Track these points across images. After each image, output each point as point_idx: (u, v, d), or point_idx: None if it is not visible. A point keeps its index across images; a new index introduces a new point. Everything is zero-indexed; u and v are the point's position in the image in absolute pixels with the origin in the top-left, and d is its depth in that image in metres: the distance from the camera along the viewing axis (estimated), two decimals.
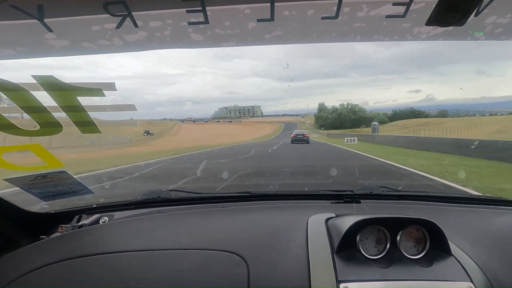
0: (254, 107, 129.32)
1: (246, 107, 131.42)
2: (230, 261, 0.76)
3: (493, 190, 4.23)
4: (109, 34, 0.73)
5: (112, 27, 0.71)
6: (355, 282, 0.68)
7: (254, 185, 4.63)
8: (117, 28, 0.71)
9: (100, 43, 0.76)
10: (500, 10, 0.78)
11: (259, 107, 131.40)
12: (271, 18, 0.69)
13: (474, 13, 0.78)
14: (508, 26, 0.87)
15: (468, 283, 0.68)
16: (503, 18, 0.82)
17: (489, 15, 0.80)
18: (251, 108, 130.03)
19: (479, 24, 0.85)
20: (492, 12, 0.79)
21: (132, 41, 0.74)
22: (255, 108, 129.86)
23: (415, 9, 0.74)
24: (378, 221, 0.78)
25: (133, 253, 0.81)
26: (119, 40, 0.74)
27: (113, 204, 1.22)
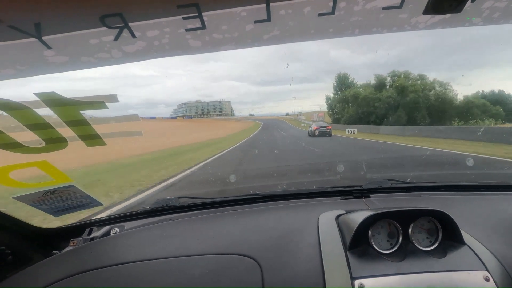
0: (222, 102, 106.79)
1: (211, 102, 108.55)
2: (243, 265, 0.76)
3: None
4: (107, 46, 0.74)
5: (110, 39, 0.71)
6: (370, 278, 0.67)
7: (262, 186, 4.61)
8: (115, 40, 0.71)
9: (99, 56, 0.76)
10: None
11: (228, 103, 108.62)
12: (268, 18, 0.69)
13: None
14: (505, 10, 0.86)
15: (483, 272, 0.67)
16: (500, 2, 0.81)
17: (485, 0, 0.79)
18: (218, 103, 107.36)
19: (477, 10, 0.84)
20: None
21: (131, 52, 0.75)
22: (223, 104, 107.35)
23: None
24: (389, 214, 0.77)
25: (146, 262, 0.81)
26: (118, 51, 0.75)
27: (123, 215, 1.22)
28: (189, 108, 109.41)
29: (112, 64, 0.77)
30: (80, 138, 0.86)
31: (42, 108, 0.80)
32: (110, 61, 0.77)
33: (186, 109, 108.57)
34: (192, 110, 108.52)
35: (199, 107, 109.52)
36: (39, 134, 0.85)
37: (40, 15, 0.64)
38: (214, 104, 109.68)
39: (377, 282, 0.67)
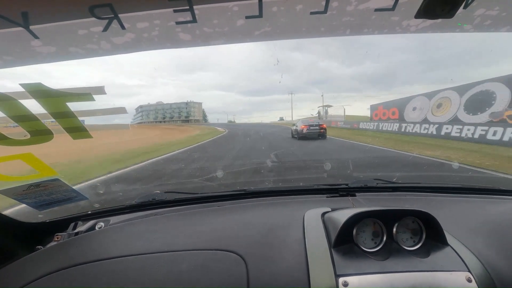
0: (190, 104, 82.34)
1: (175, 104, 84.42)
2: (229, 260, 0.76)
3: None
4: (96, 37, 0.72)
5: (99, 30, 0.70)
6: (353, 276, 0.68)
7: (249, 182, 4.58)
8: (104, 31, 0.70)
9: (87, 47, 0.75)
10: (488, 2, 0.79)
11: (199, 105, 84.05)
12: (260, 14, 0.69)
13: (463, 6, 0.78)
14: (496, 18, 0.87)
15: (465, 273, 0.68)
16: (491, 10, 0.82)
17: (477, 7, 0.80)
18: (185, 106, 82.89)
19: (468, 17, 0.85)
20: (480, 5, 0.79)
21: (120, 43, 0.74)
22: (191, 106, 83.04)
23: (404, 2, 0.74)
24: (374, 213, 0.78)
25: (132, 258, 0.80)
26: (106, 43, 0.73)
27: (108, 209, 1.21)
28: (147, 112, 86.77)
29: (101, 55, 0.76)
30: (66, 131, 0.85)
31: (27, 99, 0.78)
32: (99, 52, 0.76)
33: (143, 113, 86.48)
34: (151, 115, 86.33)
35: (160, 111, 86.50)
36: (24, 126, 0.83)
37: (27, 4, 0.62)
38: (179, 106, 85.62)
39: (361, 280, 0.67)
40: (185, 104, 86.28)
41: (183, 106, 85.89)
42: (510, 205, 1.05)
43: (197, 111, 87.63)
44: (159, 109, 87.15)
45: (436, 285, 0.66)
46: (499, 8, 0.82)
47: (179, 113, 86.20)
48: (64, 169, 6.53)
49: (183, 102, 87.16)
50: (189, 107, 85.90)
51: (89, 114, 0.81)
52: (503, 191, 1.29)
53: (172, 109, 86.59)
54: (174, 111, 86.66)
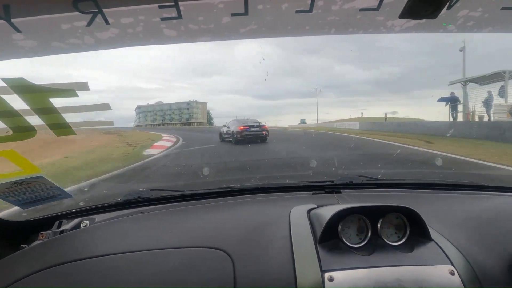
0: (191, 104, 68.96)
1: (175, 104, 71.08)
2: (215, 258, 0.76)
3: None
4: (79, 32, 0.71)
5: (83, 25, 0.69)
6: (339, 271, 0.69)
7: (235, 179, 4.56)
8: (87, 26, 0.69)
9: (70, 42, 0.74)
10: (472, 3, 0.80)
11: (203, 106, 70.52)
12: (245, 12, 0.69)
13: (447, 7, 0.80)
14: (479, 19, 0.89)
15: (449, 266, 0.70)
16: (474, 11, 0.84)
17: (461, 8, 0.82)
18: (186, 105, 69.49)
19: (452, 17, 0.87)
20: (464, 6, 0.81)
21: (104, 38, 0.73)
22: (193, 107, 69.66)
23: (388, 2, 0.76)
24: (358, 210, 0.79)
25: (117, 256, 0.80)
26: (90, 38, 0.72)
27: (93, 207, 1.19)
28: (145, 114, 73.59)
29: (84, 50, 0.75)
30: (49, 127, 0.83)
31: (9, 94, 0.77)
32: (82, 47, 0.75)
33: (141, 115, 73.79)
34: (149, 116, 73.52)
35: (158, 113, 73.32)
36: (6, 122, 0.82)
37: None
38: (179, 107, 71.43)
39: (346, 274, 0.68)
40: (186, 104, 71.14)
41: (184, 107, 71.01)
42: (492, 200, 1.08)
43: (201, 112, 72.31)
44: (157, 110, 73.08)
45: (420, 278, 0.68)
46: (482, 10, 0.84)
47: (180, 115, 71.76)
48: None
49: (185, 102, 71.96)
50: (191, 108, 70.73)
51: (73, 111, 0.80)
52: (486, 187, 1.33)
53: (172, 110, 72.23)
54: (174, 112, 72.12)
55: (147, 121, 73.31)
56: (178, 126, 62.53)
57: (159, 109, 72.84)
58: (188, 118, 70.86)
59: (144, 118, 73.25)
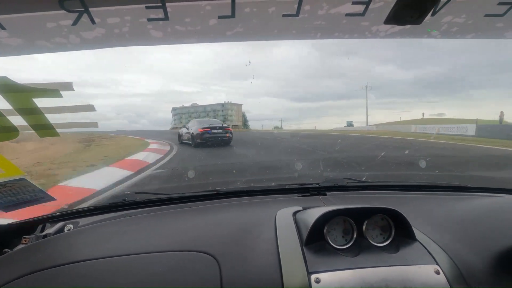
0: (226, 105, 67.31)
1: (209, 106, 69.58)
2: (201, 261, 0.75)
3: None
4: (65, 31, 0.70)
5: (68, 23, 0.69)
6: (325, 273, 0.69)
7: (221, 182, 4.49)
8: (73, 25, 0.69)
9: (55, 41, 0.73)
10: (455, 10, 0.83)
11: (238, 107, 68.26)
12: (232, 14, 0.70)
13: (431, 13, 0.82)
14: (463, 26, 0.92)
15: (434, 266, 0.71)
16: (458, 18, 0.87)
17: (445, 14, 0.84)
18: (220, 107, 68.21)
19: (436, 23, 0.90)
20: (448, 12, 0.83)
21: (89, 38, 0.72)
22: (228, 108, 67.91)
23: (374, 8, 0.77)
24: (344, 212, 0.80)
25: (102, 260, 0.78)
26: (75, 37, 0.72)
27: (77, 211, 1.17)
28: (179, 116, 70.69)
29: (69, 50, 0.74)
30: (32, 128, 0.82)
31: None
32: (67, 47, 0.74)
33: (176, 117, 71.39)
34: (184, 118, 68.29)
35: (193, 115, 67.65)
36: None
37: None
38: (214, 109, 68.94)
39: (332, 276, 0.68)
40: (221, 105, 68.65)
41: (219, 109, 68.42)
42: (474, 201, 1.10)
43: (236, 114, 69.39)
44: (192, 112, 69.10)
45: (406, 278, 0.68)
46: (466, 16, 0.87)
47: (214, 117, 68.34)
48: None
49: (219, 103, 69.32)
50: (225, 110, 67.83)
51: (56, 111, 0.79)
52: (469, 188, 1.36)
53: (207, 112, 68.80)
54: (208, 114, 67.85)
55: (182, 123, 69.65)
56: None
57: (194, 111, 69.99)
58: (223, 120, 66.04)
59: (179, 120, 69.75)
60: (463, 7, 0.82)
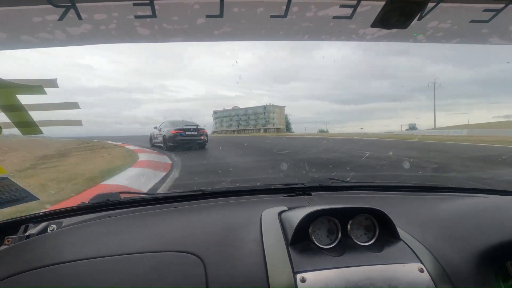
0: (267, 107, 63.51)
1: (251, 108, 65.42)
2: (187, 262, 0.75)
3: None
4: (50, 26, 0.70)
5: (54, 18, 0.68)
6: (311, 272, 0.69)
7: (206, 182, 4.47)
8: (59, 20, 0.68)
9: (41, 36, 0.72)
10: (442, 15, 0.85)
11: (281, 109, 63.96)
12: (221, 14, 0.70)
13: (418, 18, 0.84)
14: (448, 31, 0.95)
15: (418, 264, 0.72)
16: (444, 23, 0.89)
17: (431, 20, 0.86)
18: (262, 110, 63.98)
19: (422, 28, 0.92)
20: (434, 17, 0.85)
21: (75, 34, 0.71)
22: (270, 111, 63.20)
23: (361, 11, 0.79)
24: (329, 211, 0.80)
25: (87, 261, 0.77)
26: (61, 33, 0.71)
27: (60, 211, 1.14)
28: (221, 119, 69.36)
29: (54, 46, 0.73)
30: (15, 125, 0.80)
31: None
32: (53, 42, 0.73)
33: (217, 121, 69.70)
34: (225, 122, 69.16)
35: (234, 118, 67.96)
36: None
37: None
38: (255, 111, 65.19)
39: (318, 275, 0.69)
40: (262, 108, 65.12)
41: (260, 111, 65.17)
42: (457, 201, 1.12)
43: (278, 117, 65.16)
44: (233, 116, 68.10)
45: (390, 277, 0.69)
46: (451, 22, 0.89)
47: (256, 120, 66.00)
48: None
49: (261, 106, 66.37)
50: (267, 112, 64.38)
51: (40, 108, 0.78)
52: (452, 188, 1.38)
53: (248, 115, 66.69)
54: (250, 117, 66.72)
55: (223, 127, 68.78)
56: (253, 133, 58.09)
57: (235, 114, 69.01)
58: (264, 123, 65.67)
59: (220, 123, 68.49)
60: (449, 13, 0.84)
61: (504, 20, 0.87)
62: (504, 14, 0.84)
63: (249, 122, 67.76)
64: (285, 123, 66.81)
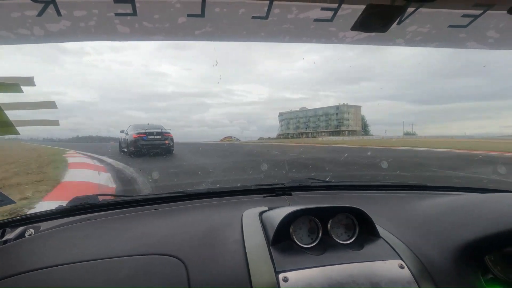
0: (341, 107, 57.50)
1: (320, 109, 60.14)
2: (168, 265, 0.74)
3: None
4: (29, 22, 0.68)
5: (33, 14, 0.67)
6: (293, 271, 0.69)
7: (186, 184, 4.44)
8: (38, 16, 0.67)
9: (19, 32, 0.70)
10: (421, 20, 0.88)
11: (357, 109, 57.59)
12: (202, 14, 0.70)
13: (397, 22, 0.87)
14: (426, 35, 0.98)
15: (398, 261, 0.73)
16: (423, 27, 0.92)
17: (410, 24, 0.89)
18: (335, 111, 58.39)
19: (401, 32, 0.95)
20: (413, 22, 0.88)
21: (54, 31, 0.70)
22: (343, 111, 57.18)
23: (342, 14, 0.81)
24: (309, 211, 0.81)
25: (67, 266, 0.75)
26: (40, 29, 0.70)
27: (38, 214, 1.11)
28: (287, 121, 64.36)
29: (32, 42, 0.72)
30: None
31: None
32: (30, 39, 0.71)
33: (283, 123, 65.05)
34: (291, 124, 63.70)
35: (302, 119, 62.24)
36: None
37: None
38: (326, 112, 59.01)
39: (300, 274, 0.69)
40: (335, 108, 58.48)
41: (332, 112, 58.79)
42: (435, 199, 1.14)
43: (354, 118, 57.63)
44: (301, 117, 62.50)
45: (371, 274, 0.70)
46: (430, 26, 0.92)
47: (327, 121, 59.37)
48: None
49: (333, 106, 59.32)
50: (341, 113, 57.74)
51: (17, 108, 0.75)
52: (430, 187, 1.41)
53: (318, 116, 60.39)
54: (320, 118, 60.27)
55: (289, 129, 64.87)
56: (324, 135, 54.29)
57: (303, 116, 63.77)
58: (337, 125, 59.05)
59: (286, 126, 65.00)
60: (428, 18, 0.87)
61: (482, 26, 0.91)
62: (482, 20, 0.87)
63: (318, 124, 61.39)
64: (362, 125, 59.18)
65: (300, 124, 64.21)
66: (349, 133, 57.28)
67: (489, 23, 0.89)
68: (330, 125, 60.22)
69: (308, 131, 62.09)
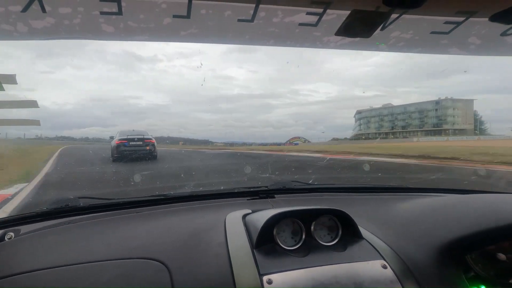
0: (442, 102, 49.48)
1: (413, 104, 52.98)
2: (151, 269, 0.73)
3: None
4: (13, 18, 0.68)
5: (17, 10, 0.66)
6: (277, 273, 0.70)
7: (168, 187, 4.41)
8: (22, 11, 0.66)
9: (2, 28, 0.70)
10: (404, 26, 0.90)
11: (467, 104, 49.10)
12: (188, 15, 0.71)
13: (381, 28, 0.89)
14: (409, 41, 1.00)
15: (381, 261, 0.75)
16: (406, 33, 0.95)
17: (393, 30, 0.92)
18: (434, 106, 50.33)
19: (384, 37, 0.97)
20: (396, 28, 0.91)
21: (38, 27, 0.70)
22: (446, 107, 49.10)
23: (326, 19, 0.83)
24: (292, 213, 0.82)
25: (48, 271, 0.74)
26: (23, 26, 0.69)
27: (17, 217, 1.08)
28: (366, 120, 57.18)
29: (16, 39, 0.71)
30: None
31: None
32: (13, 35, 0.71)
33: (361, 121, 58.02)
34: (372, 123, 56.44)
35: (386, 117, 54.89)
36: None
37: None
38: (421, 109, 51.69)
39: (284, 276, 0.70)
40: (433, 104, 50.45)
41: (429, 108, 50.87)
42: (416, 200, 1.17)
43: (462, 114, 48.37)
44: (385, 115, 55.16)
45: (354, 274, 0.71)
46: (413, 32, 0.94)
47: (421, 119, 51.51)
48: None
49: (430, 101, 51.54)
50: (443, 109, 49.22)
51: None
52: (411, 189, 1.45)
53: (408, 114, 52.75)
54: (411, 116, 52.49)
55: (370, 129, 57.60)
56: (419, 135, 47.33)
57: (387, 113, 55.77)
58: (437, 123, 50.32)
59: (365, 124, 57.89)
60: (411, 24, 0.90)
61: (464, 33, 0.94)
62: (464, 27, 0.89)
63: (410, 123, 53.41)
64: (475, 123, 49.05)
65: (385, 123, 56.80)
66: (456, 132, 48.23)
67: (471, 30, 0.92)
68: (426, 123, 52.16)
69: (395, 130, 54.65)
